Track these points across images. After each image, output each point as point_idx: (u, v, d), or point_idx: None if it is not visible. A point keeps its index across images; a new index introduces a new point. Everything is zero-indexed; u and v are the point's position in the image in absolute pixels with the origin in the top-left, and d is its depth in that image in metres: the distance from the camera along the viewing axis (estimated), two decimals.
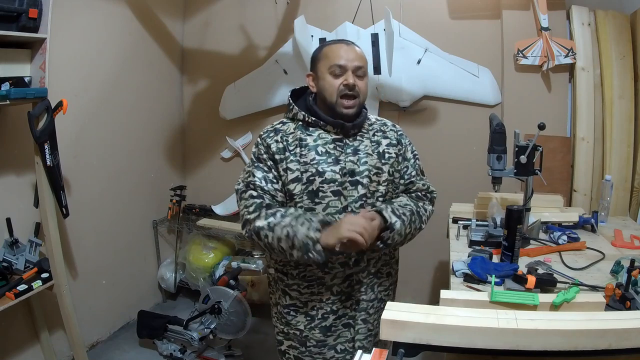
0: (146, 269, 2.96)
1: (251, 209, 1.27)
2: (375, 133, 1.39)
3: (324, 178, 1.29)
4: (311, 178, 1.29)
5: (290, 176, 1.30)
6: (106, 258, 2.60)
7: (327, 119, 1.32)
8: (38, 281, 1.91)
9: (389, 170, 1.36)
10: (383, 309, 1.42)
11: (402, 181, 1.42)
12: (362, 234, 1.16)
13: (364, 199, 1.32)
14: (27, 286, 1.85)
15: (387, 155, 1.37)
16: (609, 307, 1.14)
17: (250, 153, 1.37)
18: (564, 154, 2.32)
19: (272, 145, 1.31)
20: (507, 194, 1.99)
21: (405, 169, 1.42)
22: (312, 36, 2.61)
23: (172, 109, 3.07)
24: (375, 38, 2.41)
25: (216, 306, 2.31)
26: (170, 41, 2.96)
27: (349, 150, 1.33)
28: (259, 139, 1.36)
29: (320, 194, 1.29)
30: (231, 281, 2.38)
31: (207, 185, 3.13)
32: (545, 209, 1.89)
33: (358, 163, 1.32)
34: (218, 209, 2.95)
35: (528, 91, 2.39)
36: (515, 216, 1.43)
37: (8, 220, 1.97)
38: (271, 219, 1.24)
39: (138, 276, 2.88)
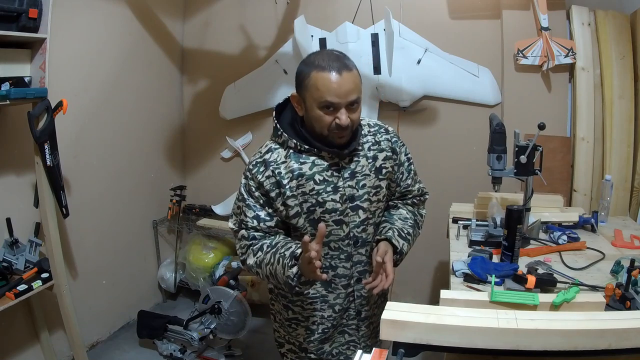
0: (146, 269, 2.96)
1: (243, 250, 1.27)
2: (370, 147, 1.31)
3: (324, 208, 1.24)
4: (312, 208, 1.24)
5: (291, 212, 1.24)
6: (106, 258, 2.60)
7: (321, 147, 1.22)
8: (38, 281, 1.91)
9: (387, 185, 1.33)
10: (384, 301, 1.45)
11: (398, 189, 1.39)
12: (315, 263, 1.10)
13: (365, 223, 1.30)
14: (27, 286, 1.85)
15: (384, 171, 1.31)
16: (609, 307, 1.14)
17: (240, 185, 1.28)
18: (564, 154, 2.32)
19: (264, 183, 1.23)
20: (507, 194, 1.99)
21: (401, 176, 1.38)
22: (312, 36, 2.61)
23: (172, 109, 3.07)
24: (375, 38, 2.41)
25: (216, 306, 2.31)
26: (170, 41, 2.96)
27: (346, 175, 1.26)
28: (248, 173, 1.26)
29: (322, 222, 1.22)
30: (231, 281, 2.38)
31: (207, 185, 3.13)
32: (545, 209, 1.89)
33: (357, 187, 1.27)
34: (218, 209, 2.95)
35: (528, 91, 2.39)
36: (515, 216, 1.43)
37: (8, 220, 1.97)
38: (259, 255, 1.23)
39: (138, 276, 2.88)
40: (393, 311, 0.95)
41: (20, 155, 2.01)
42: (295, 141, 1.23)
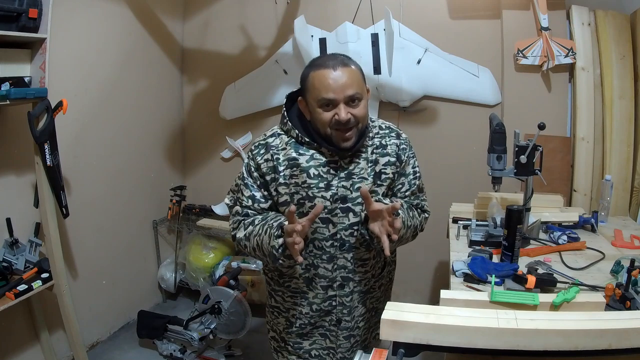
0: (146, 269, 2.96)
1: (235, 225, 1.29)
2: (375, 150, 1.27)
3: (313, 204, 1.22)
4: (301, 201, 1.23)
5: (280, 199, 1.25)
6: (106, 258, 2.60)
7: (322, 143, 1.22)
8: (38, 281, 1.91)
9: (383, 192, 1.27)
10: (374, 315, 1.41)
11: (393, 198, 1.30)
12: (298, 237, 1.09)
13: (354, 227, 1.25)
14: (27, 286, 1.85)
15: (383, 176, 1.27)
16: (609, 307, 1.14)
17: (243, 164, 1.31)
18: (564, 154, 2.32)
19: (261, 165, 1.25)
20: (507, 194, 1.99)
21: (400, 186, 1.31)
22: (312, 36, 2.61)
23: (172, 109, 3.07)
24: (375, 38, 2.41)
25: (216, 306, 2.31)
26: (170, 41, 2.96)
27: (342, 175, 1.23)
28: (250, 153, 1.29)
29: (321, 203, 1.22)
30: (231, 281, 2.38)
31: (207, 185, 3.14)
32: (545, 209, 1.88)
33: (351, 189, 1.23)
34: (218, 209, 2.95)
35: (528, 91, 2.39)
36: (515, 216, 1.42)
37: (8, 220, 1.97)
38: (249, 228, 1.24)
39: (138, 276, 2.88)
40: (393, 311, 0.95)
41: (20, 155, 2.01)
42: (297, 132, 1.24)
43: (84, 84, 2.35)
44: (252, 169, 1.27)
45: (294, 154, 1.23)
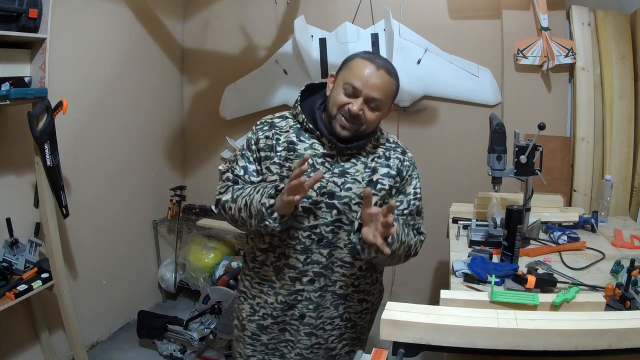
0: (146, 269, 2.96)
1: (222, 190, 1.29)
2: (376, 159, 1.26)
3: None
4: None
5: (270, 178, 1.25)
6: (106, 258, 2.60)
7: (323, 131, 1.22)
8: (38, 281, 1.91)
9: (376, 202, 1.23)
10: (351, 328, 1.39)
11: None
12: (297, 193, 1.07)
13: (336, 224, 1.23)
14: (27, 286, 1.85)
15: (378, 186, 1.24)
16: (609, 307, 1.14)
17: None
18: (564, 154, 2.32)
19: (260, 140, 1.26)
20: (507, 194, 1.99)
21: (398, 204, 1.27)
22: (312, 36, 2.61)
23: (172, 109, 3.07)
24: (375, 38, 2.42)
25: (216, 306, 2.31)
26: (170, 41, 2.96)
27: (336, 170, 1.23)
28: (254, 127, 1.30)
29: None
30: (231, 281, 2.38)
31: (207, 185, 3.13)
32: (545, 209, 1.88)
33: (341, 187, 1.22)
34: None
35: (528, 91, 2.39)
36: (515, 216, 1.42)
37: (8, 220, 1.97)
38: (236, 192, 1.24)
39: (138, 276, 2.88)
40: (393, 311, 0.95)
41: (20, 155, 2.01)
42: (303, 117, 1.25)
43: (84, 84, 2.35)
44: (252, 142, 1.28)
45: (294, 139, 1.24)
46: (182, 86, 3.11)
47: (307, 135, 1.25)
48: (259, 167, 1.27)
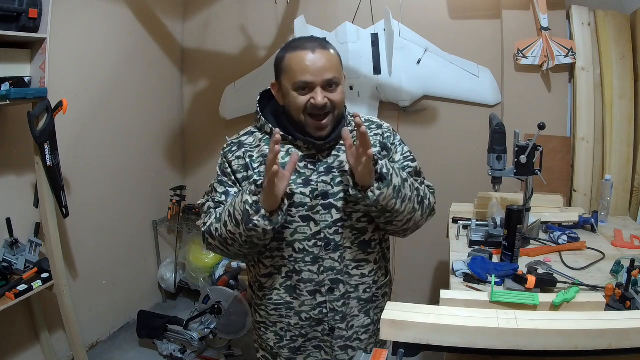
0: (146, 269, 2.96)
1: (207, 220, 1.20)
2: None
3: (292, 201, 1.14)
4: None
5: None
6: (106, 258, 2.60)
7: (297, 136, 1.16)
8: (38, 281, 1.91)
9: None
10: (373, 327, 1.31)
11: None
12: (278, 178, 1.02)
13: (339, 223, 1.18)
14: (27, 286, 1.85)
15: None
16: (609, 307, 1.14)
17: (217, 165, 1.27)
18: (564, 154, 2.32)
19: (232, 163, 1.20)
20: (507, 194, 1.99)
21: None
22: (312, 36, 2.61)
23: (172, 109, 3.07)
24: (375, 38, 2.41)
25: (216, 306, 2.31)
26: (170, 41, 2.96)
27: (321, 169, 1.17)
28: (221, 152, 1.24)
29: (288, 218, 1.15)
30: (231, 281, 2.38)
31: (207, 186, 3.13)
32: (545, 209, 1.88)
33: (332, 183, 1.16)
34: None
35: (528, 91, 2.39)
36: (515, 216, 1.42)
37: (8, 220, 1.97)
38: (218, 212, 1.17)
39: (138, 276, 2.88)
40: (393, 311, 0.95)
41: (20, 155, 2.01)
42: (270, 126, 1.18)
43: (84, 84, 2.35)
44: (225, 167, 1.21)
45: (267, 151, 1.12)
46: (182, 86, 3.11)
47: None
48: (239, 189, 1.20)
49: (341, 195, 1.17)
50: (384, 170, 1.08)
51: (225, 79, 2.93)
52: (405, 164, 1.25)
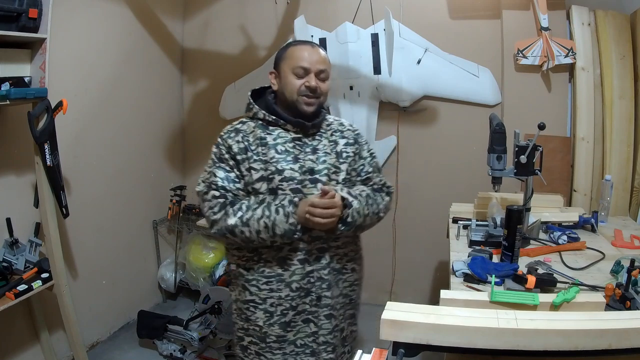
0: (146, 269, 2.96)
1: (216, 209, 1.32)
2: (333, 133, 1.44)
3: (283, 176, 1.32)
4: (271, 176, 1.32)
5: (255, 175, 1.33)
6: (106, 258, 2.59)
7: (286, 118, 1.35)
8: (38, 281, 1.91)
9: (347, 169, 1.41)
10: (349, 304, 1.48)
11: (358, 178, 1.45)
12: (321, 216, 1.26)
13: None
14: (27, 286, 1.85)
15: (344, 155, 1.41)
16: (609, 307, 1.14)
17: (211, 153, 1.39)
18: (564, 154, 2.32)
19: (233, 146, 1.35)
20: (507, 194, 1.99)
21: (361, 167, 1.46)
22: (312, 36, 2.61)
23: (172, 109, 3.07)
24: (375, 38, 2.42)
25: (216, 306, 2.31)
26: (170, 41, 2.96)
27: (308, 149, 1.37)
28: (219, 139, 1.39)
29: (280, 191, 1.32)
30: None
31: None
32: (545, 209, 1.89)
33: (317, 162, 1.36)
34: None
35: (528, 91, 2.39)
36: (515, 216, 1.42)
37: (8, 220, 1.97)
38: (240, 214, 1.29)
39: (138, 276, 2.88)
40: (393, 311, 0.95)
41: (20, 155, 2.01)
42: (263, 112, 1.37)
43: (84, 84, 2.35)
44: (223, 152, 1.36)
45: (262, 134, 1.36)
46: (182, 86, 3.11)
47: (270, 127, 1.37)
48: (238, 172, 1.35)
49: (325, 172, 1.37)
50: (349, 219, 1.33)
51: (225, 79, 2.93)
52: (373, 161, 1.49)
